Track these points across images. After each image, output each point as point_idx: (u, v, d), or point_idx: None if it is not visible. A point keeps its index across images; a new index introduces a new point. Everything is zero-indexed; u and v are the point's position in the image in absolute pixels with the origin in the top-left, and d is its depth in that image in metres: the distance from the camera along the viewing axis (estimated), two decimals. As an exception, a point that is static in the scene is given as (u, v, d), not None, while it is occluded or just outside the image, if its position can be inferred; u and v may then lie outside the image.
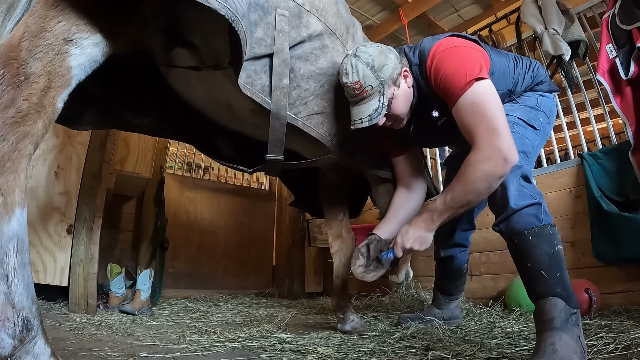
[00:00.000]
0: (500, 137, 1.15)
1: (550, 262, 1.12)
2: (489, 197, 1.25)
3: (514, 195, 1.19)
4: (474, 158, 1.18)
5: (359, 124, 1.32)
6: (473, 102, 1.20)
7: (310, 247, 4.08)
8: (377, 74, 1.30)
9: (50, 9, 0.85)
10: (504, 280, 2.52)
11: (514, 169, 1.21)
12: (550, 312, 1.08)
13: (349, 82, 1.31)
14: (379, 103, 1.31)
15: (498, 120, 1.17)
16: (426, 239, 1.35)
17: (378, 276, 1.46)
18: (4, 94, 0.78)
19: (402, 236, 1.37)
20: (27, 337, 0.75)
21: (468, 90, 1.20)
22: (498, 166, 1.15)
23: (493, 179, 1.17)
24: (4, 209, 0.76)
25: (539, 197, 1.21)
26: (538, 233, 1.15)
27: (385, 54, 1.34)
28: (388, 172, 1.78)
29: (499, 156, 1.14)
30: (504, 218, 1.21)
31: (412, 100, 1.42)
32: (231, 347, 1.47)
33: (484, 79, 1.22)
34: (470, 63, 1.25)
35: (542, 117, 1.46)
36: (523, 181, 1.23)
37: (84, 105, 1.43)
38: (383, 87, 1.31)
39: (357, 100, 1.33)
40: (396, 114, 1.39)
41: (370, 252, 1.48)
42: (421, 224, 1.34)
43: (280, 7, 1.22)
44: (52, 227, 2.14)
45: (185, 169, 4.24)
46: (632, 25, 2.16)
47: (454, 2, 3.94)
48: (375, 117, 1.31)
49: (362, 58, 1.31)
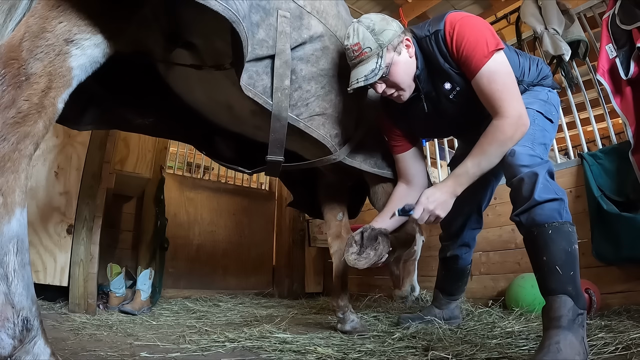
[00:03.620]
0: (521, 105, 1.28)
1: (566, 259, 1.12)
2: (514, 186, 1.26)
3: (540, 188, 1.19)
4: (502, 122, 1.26)
5: (355, 84, 1.33)
6: (495, 70, 1.27)
7: (310, 247, 4.08)
8: (376, 37, 1.32)
9: (51, 9, 0.85)
10: (504, 280, 2.52)
11: (542, 162, 1.24)
12: (558, 310, 1.07)
13: (350, 44, 1.34)
14: (376, 65, 1.32)
15: (516, 90, 1.29)
16: (449, 205, 1.38)
17: (370, 264, 1.45)
18: (5, 94, 0.78)
19: (428, 197, 1.36)
20: (27, 337, 0.75)
21: (490, 60, 1.27)
22: (519, 131, 1.27)
23: (514, 141, 1.27)
24: (4, 209, 0.76)
25: (562, 194, 1.21)
26: (558, 228, 1.15)
27: (387, 21, 1.37)
28: (388, 172, 1.78)
29: (521, 121, 1.26)
30: (526, 209, 1.20)
31: (415, 71, 1.41)
32: (231, 347, 1.47)
33: (501, 49, 1.29)
34: (488, 32, 1.30)
35: (554, 111, 1.47)
36: (548, 176, 1.23)
37: (84, 106, 1.43)
38: (382, 49, 1.32)
39: (356, 62, 1.34)
40: (395, 81, 1.38)
41: (364, 240, 1.48)
42: (448, 187, 1.36)
43: (281, 8, 1.23)
44: (52, 227, 2.14)
45: (185, 169, 4.24)
46: (632, 25, 2.16)
47: (454, 2, 3.94)
48: (371, 77, 1.32)
49: (364, 22, 1.34)
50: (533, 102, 1.42)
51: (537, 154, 1.26)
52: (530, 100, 1.43)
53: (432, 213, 1.36)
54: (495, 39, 1.29)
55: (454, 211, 1.47)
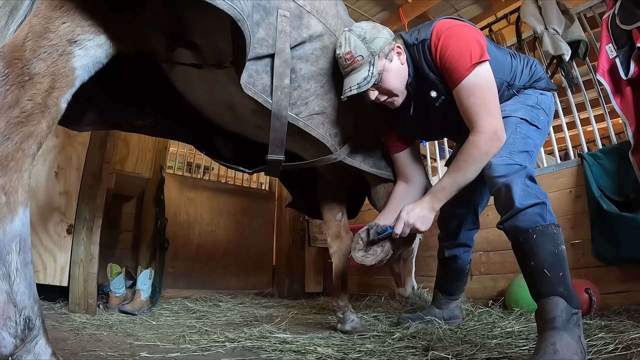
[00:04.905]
0: (497, 120, 1.29)
1: (553, 261, 1.13)
2: (495, 196, 1.29)
3: (519, 195, 1.21)
4: (477, 138, 1.29)
5: (348, 92, 1.35)
6: (475, 84, 1.29)
7: (310, 247, 4.08)
8: (367, 45, 1.34)
9: (54, 9, 0.85)
10: (504, 280, 2.52)
11: (519, 169, 1.25)
12: (551, 312, 1.08)
13: (342, 53, 1.35)
14: (368, 72, 1.34)
15: (495, 105, 1.31)
16: (429, 220, 1.40)
17: (377, 260, 1.47)
18: (8, 94, 0.78)
19: (408, 212, 1.39)
20: (28, 337, 0.76)
21: (471, 72, 1.28)
22: (495, 146, 1.29)
23: (489, 156, 1.29)
24: (7, 209, 0.76)
25: (543, 197, 1.23)
26: (542, 232, 1.16)
27: (378, 29, 1.39)
28: (388, 172, 1.78)
29: (495, 137, 1.29)
30: (509, 217, 1.22)
31: (407, 78, 1.44)
32: (231, 347, 1.47)
33: (485, 61, 1.30)
34: (473, 43, 1.31)
35: (543, 116, 1.47)
36: (528, 181, 1.25)
37: (84, 106, 1.43)
38: (373, 57, 1.35)
39: (349, 70, 1.36)
40: (388, 88, 1.41)
41: (370, 237, 1.50)
42: (426, 203, 1.39)
43: (281, 7, 1.23)
44: (52, 227, 2.14)
45: (185, 169, 4.24)
46: (632, 25, 2.16)
47: (454, 2, 3.95)
48: (363, 85, 1.33)
49: (355, 31, 1.36)
50: (519, 109, 1.44)
51: (515, 162, 1.28)
52: (517, 106, 1.45)
53: (412, 227, 1.39)
54: (480, 50, 1.30)
55: (450, 213, 1.49)
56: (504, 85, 1.46)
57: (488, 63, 1.32)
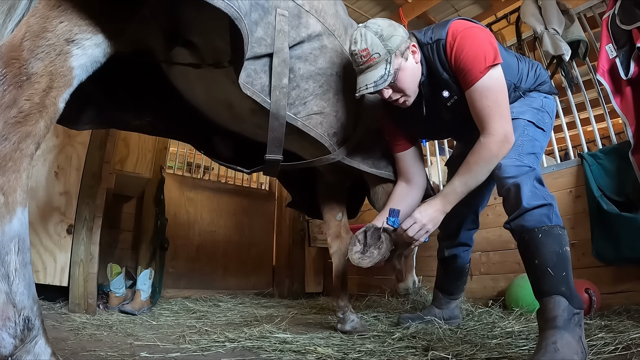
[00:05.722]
0: (508, 123, 1.31)
1: (557, 260, 1.14)
2: (504, 196, 1.31)
3: (527, 196, 1.23)
4: (488, 140, 1.30)
5: (364, 90, 1.33)
6: (488, 87, 1.30)
7: (310, 247, 4.08)
8: (385, 42, 1.32)
9: (52, 9, 0.85)
10: (504, 280, 2.52)
11: (529, 171, 1.27)
12: (553, 311, 1.09)
13: (357, 49, 1.32)
14: (385, 70, 1.32)
15: (506, 107, 1.32)
16: (439, 221, 1.42)
17: (373, 263, 1.46)
18: (6, 94, 0.78)
19: (422, 212, 1.40)
20: (28, 337, 0.76)
21: (485, 75, 1.29)
22: (504, 148, 1.30)
23: (499, 158, 1.30)
24: (5, 209, 0.76)
25: (551, 199, 1.24)
26: (548, 232, 1.18)
27: (394, 26, 1.36)
28: (387, 172, 1.78)
29: (506, 139, 1.30)
30: (516, 216, 1.24)
31: (420, 77, 1.43)
32: (231, 347, 1.47)
33: (497, 64, 1.31)
34: (488, 46, 1.31)
35: (547, 119, 1.49)
36: (537, 183, 1.27)
37: (82, 105, 1.43)
38: (390, 56, 1.32)
39: (364, 68, 1.34)
40: (402, 87, 1.39)
41: (367, 239, 1.49)
42: (438, 205, 1.40)
43: (280, 7, 1.23)
44: (52, 227, 2.14)
45: (185, 169, 4.24)
46: (632, 25, 2.16)
47: (454, 2, 3.94)
48: (380, 84, 1.32)
49: (371, 28, 1.34)
50: (525, 112, 1.44)
51: (524, 163, 1.30)
52: (524, 109, 1.46)
53: (424, 227, 1.40)
54: (494, 52, 1.30)
55: (450, 213, 1.48)
56: (511, 87, 1.46)
57: (500, 66, 1.32)
